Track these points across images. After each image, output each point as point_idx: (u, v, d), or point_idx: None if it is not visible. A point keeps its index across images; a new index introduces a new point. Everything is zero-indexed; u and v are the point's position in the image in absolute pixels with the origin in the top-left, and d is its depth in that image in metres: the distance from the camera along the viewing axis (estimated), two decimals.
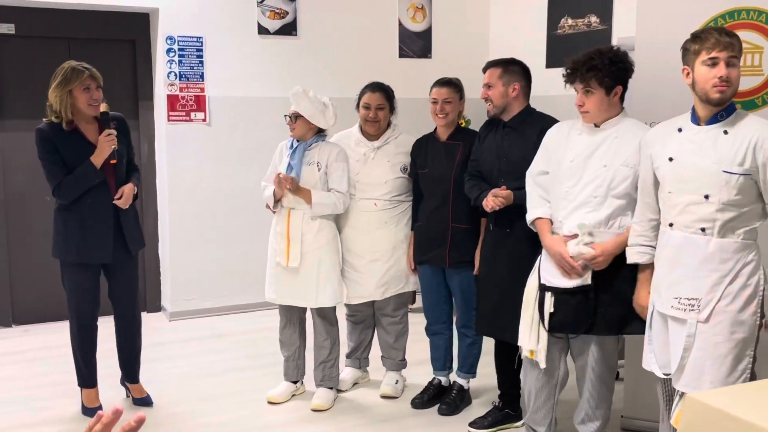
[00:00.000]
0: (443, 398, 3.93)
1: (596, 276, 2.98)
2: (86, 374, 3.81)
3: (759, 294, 2.64)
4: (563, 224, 3.01)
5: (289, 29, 5.72)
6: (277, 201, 3.85)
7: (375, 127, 3.94)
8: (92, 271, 3.72)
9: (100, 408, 3.78)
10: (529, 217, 3.17)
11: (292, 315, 4.01)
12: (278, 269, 3.88)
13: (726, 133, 2.63)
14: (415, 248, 3.90)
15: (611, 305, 2.98)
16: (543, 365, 3.10)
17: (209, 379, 4.35)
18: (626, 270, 2.97)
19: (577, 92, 3.01)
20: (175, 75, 5.40)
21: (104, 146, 3.60)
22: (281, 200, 3.84)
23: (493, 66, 3.50)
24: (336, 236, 3.93)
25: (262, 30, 5.63)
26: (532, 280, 3.13)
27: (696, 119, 2.71)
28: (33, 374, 4.43)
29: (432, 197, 3.80)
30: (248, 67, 5.62)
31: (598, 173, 2.95)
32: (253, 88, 5.66)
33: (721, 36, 2.59)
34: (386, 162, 3.92)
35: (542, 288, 3.07)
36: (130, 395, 3.97)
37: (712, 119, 2.66)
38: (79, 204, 3.62)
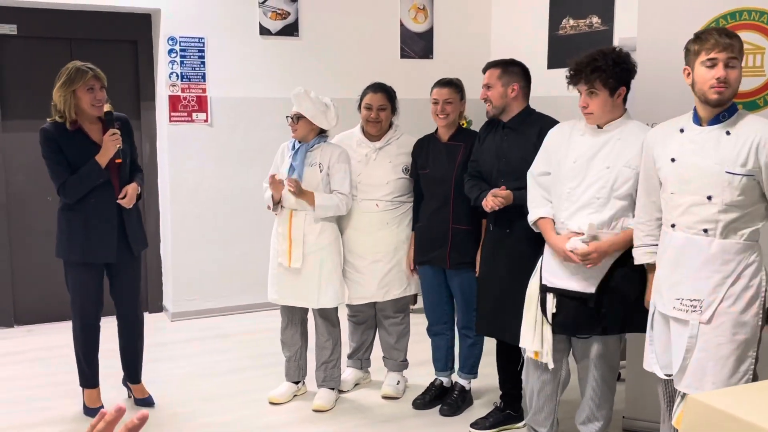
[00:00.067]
0: (445, 399, 3.93)
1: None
2: (88, 374, 3.82)
3: (761, 295, 2.64)
4: (566, 225, 3.01)
5: (291, 30, 5.72)
6: (277, 203, 3.86)
7: (377, 128, 3.94)
8: (96, 271, 3.73)
9: (102, 408, 3.78)
10: (532, 217, 3.16)
11: (294, 315, 4.01)
12: (280, 270, 3.89)
13: (728, 134, 2.63)
14: (416, 249, 3.90)
15: (612, 305, 2.98)
16: (551, 366, 3.09)
17: (211, 380, 4.35)
18: (627, 270, 2.97)
19: (581, 94, 3.00)
20: (177, 75, 5.40)
21: (109, 145, 3.60)
22: (281, 201, 3.85)
23: (493, 67, 3.50)
24: (338, 237, 3.93)
25: (264, 31, 5.63)
26: (534, 282, 3.13)
27: (698, 120, 2.71)
28: (35, 374, 4.43)
29: (433, 198, 3.80)
30: (250, 68, 5.62)
31: (601, 174, 2.95)
32: (255, 89, 5.66)
33: (721, 37, 2.59)
34: (388, 163, 3.92)
35: (544, 289, 3.07)
36: (132, 395, 3.97)
37: (714, 120, 2.66)
38: (83, 204, 3.62)
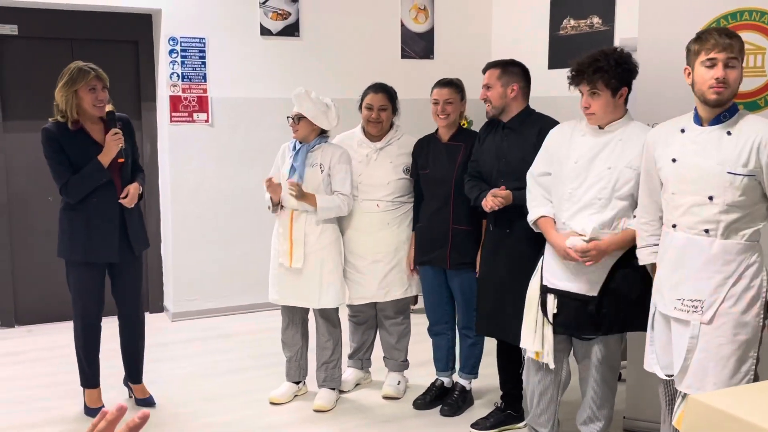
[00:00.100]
0: (445, 399, 3.93)
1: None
2: (89, 374, 3.82)
3: (762, 296, 2.64)
4: (567, 225, 3.01)
5: (292, 30, 5.72)
6: (276, 204, 3.86)
7: (377, 128, 3.94)
8: (98, 271, 3.73)
9: (103, 408, 3.78)
10: (532, 216, 3.15)
11: (295, 316, 4.01)
12: (281, 270, 3.89)
13: (729, 134, 2.62)
14: (417, 249, 3.90)
15: (613, 306, 2.98)
16: (552, 366, 3.09)
17: (212, 380, 4.35)
18: (628, 270, 2.97)
19: (582, 94, 3.00)
20: (178, 76, 5.40)
21: (111, 145, 3.61)
22: (281, 202, 3.85)
23: (492, 67, 3.50)
24: (339, 238, 3.93)
25: (265, 31, 5.63)
26: (535, 282, 3.13)
27: (699, 120, 2.71)
28: (35, 374, 4.43)
29: (433, 198, 3.80)
30: (250, 68, 5.63)
31: (603, 175, 2.95)
32: (256, 89, 5.66)
33: (721, 37, 2.59)
34: (389, 163, 3.92)
35: (545, 290, 3.07)
36: (133, 395, 3.97)
37: (715, 120, 2.66)
38: (85, 203, 3.62)
